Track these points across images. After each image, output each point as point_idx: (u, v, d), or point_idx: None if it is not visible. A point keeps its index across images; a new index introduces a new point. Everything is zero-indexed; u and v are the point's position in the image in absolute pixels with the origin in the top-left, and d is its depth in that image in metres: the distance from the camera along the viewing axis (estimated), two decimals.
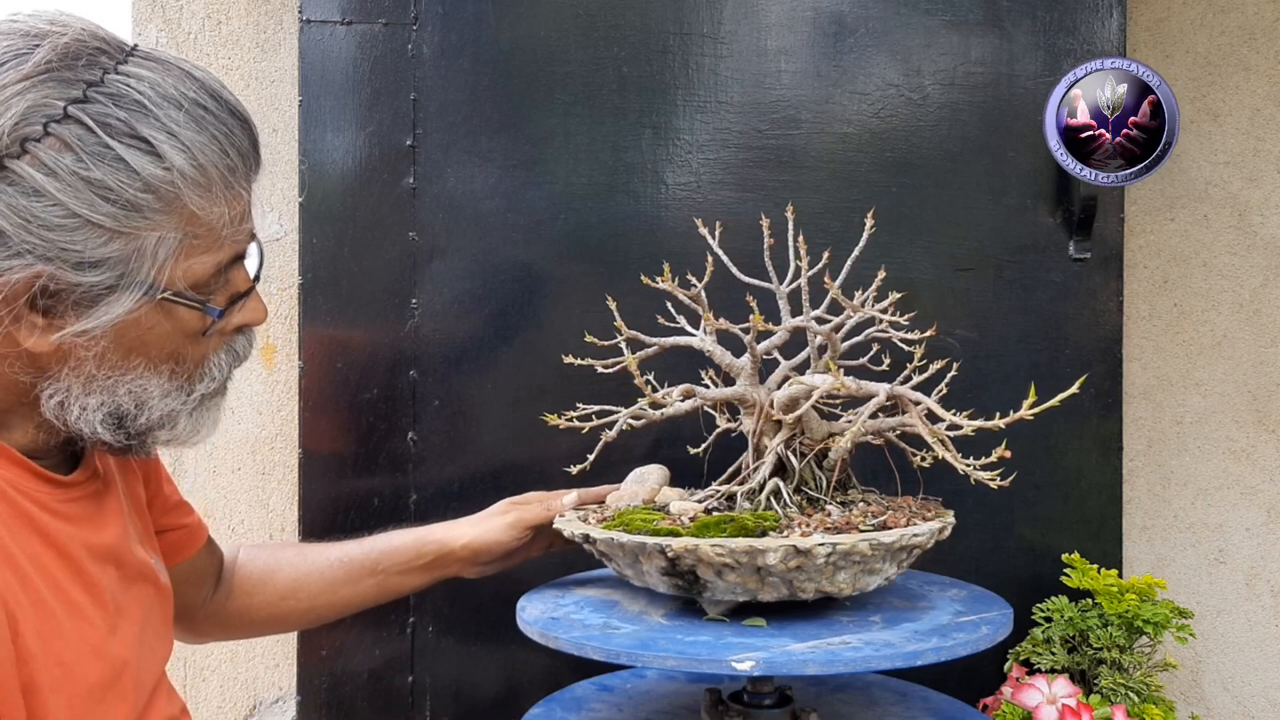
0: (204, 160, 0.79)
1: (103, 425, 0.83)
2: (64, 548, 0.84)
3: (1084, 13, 1.57)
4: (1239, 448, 1.78)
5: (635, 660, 0.93)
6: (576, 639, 0.96)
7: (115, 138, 0.75)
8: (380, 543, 1.22)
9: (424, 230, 1.55)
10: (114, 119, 0.76)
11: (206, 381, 0.88)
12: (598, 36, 1.56)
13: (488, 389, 1.56)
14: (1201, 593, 1.78)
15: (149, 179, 0.76)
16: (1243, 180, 1.78)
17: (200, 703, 1.73)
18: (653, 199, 1.56)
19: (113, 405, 0.83)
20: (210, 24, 1.72)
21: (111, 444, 0.86)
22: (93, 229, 0.75)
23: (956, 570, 1.25)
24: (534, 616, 1.05)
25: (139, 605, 0.94)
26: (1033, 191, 1.58)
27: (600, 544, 1.04)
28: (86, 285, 0.77)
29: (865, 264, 1.59)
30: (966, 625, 1.01)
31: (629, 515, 1.08)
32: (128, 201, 0.76)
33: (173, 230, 0.79)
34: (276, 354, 1.72)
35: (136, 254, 0.78)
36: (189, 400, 0.87)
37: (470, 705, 1.56)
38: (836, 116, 1.57)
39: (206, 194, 0.80)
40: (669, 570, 0.99)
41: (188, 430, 0.88)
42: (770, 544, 0.95)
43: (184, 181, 0.78)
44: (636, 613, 1.06)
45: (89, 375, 0.81)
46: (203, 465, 1.72)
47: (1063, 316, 1.58)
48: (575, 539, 1.08)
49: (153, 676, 0.95)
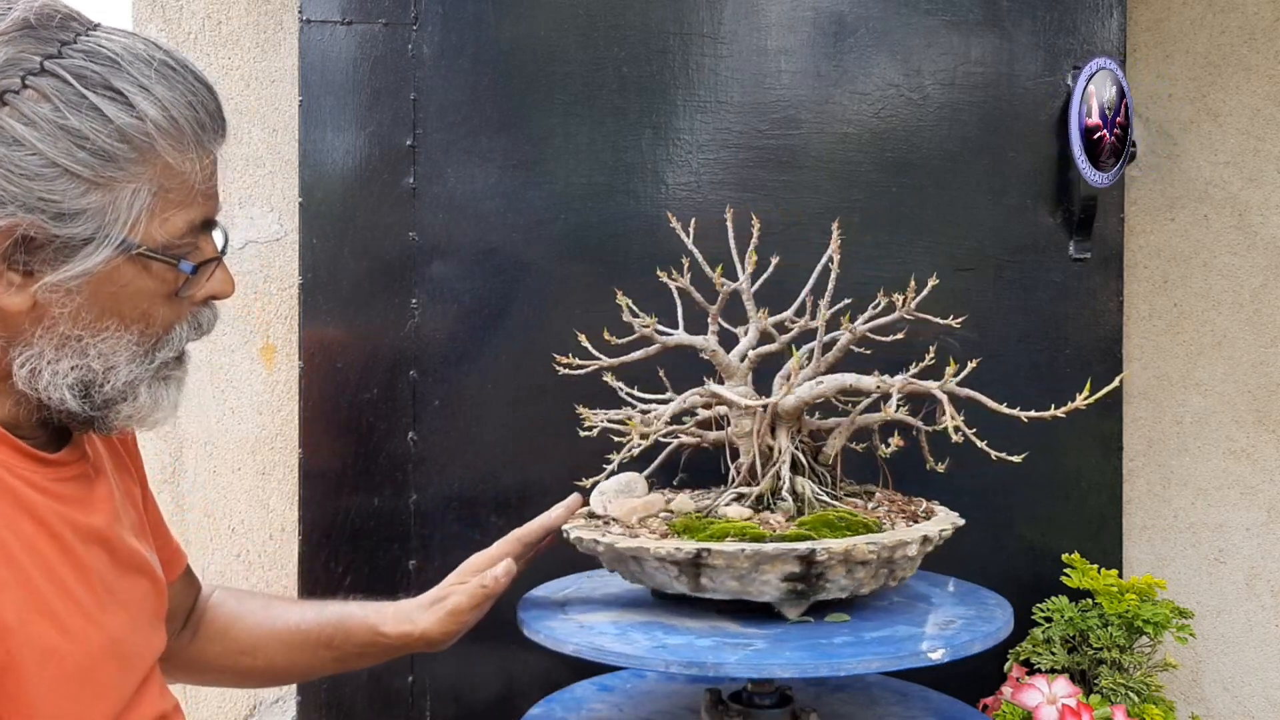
0: (175, 114, 0.82)
1: (71, 392, 0.84)
2: (50, 525, 0.85)
3: (1084, 13, 1.57)
4: (1239, 448, 1.78)
5: (839, 670, 0.92)
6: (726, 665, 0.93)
7: (90, 89, 0.78)
8: (335, 619, 1.15)
9: (424, 230, 1.55)
10: (89, 71, 0.79)
11: (167, 350, 0.89)
12: (598, 36, 1.56)
13: (488, 389, 1.55)
14: (1201, 593, 1.78)
15: (123, 127, 0.79)
16: (1243, 180, 1.78)
17: (200, 703, 1.73)
18: (653, 199, 1.56)
19: (83, 369, 0.84)
20: (210, 24, 1.72)
21: (77, 414, 0.87)
22: (71, 178, 0.78)
23: (957, 570, 1.25)
24: (639, 653, 0.96)
25: (133, 594, 0.93)
26: (1033, 191, 1.58)
27: (718, 556, 0.98)
28: (65, 237, 0.79)
29: (866, 264, 1.60)
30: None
31: (708, 525, 1.05)
32: (103, 150, 0.79)
33: (147, 183, 0.81)
34: (276, 354, 1.72)
35: (113, 205, 0.80)
36: (149, 367, 0.88)
37: (470, 705, 1.56)
38: (836, 116, 1.57)
39: (179, 145, 0.82)
40: (797, 576, 0.99)
41: (148, 405, 0.89)
42: (910, 535, 1.02)
43: (157, 131, 0.81)
44: (704, 628, 1.02)
45: (62, 335, 0.83)
46: (203, 465, 1.72)
47: (1063, 316, 1.58)
48: (675, 557, 0.99)
49: (144, 665, 0.94)
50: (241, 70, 1.71)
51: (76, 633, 0.84)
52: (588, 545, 1.06)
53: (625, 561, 1.05)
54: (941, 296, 1.59)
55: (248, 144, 1.71)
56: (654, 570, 1.02)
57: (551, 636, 1.00)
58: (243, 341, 1.72)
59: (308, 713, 1.55)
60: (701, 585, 1.01)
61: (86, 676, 0.85)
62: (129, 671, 0.91)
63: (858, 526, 1.04)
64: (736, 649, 0.94)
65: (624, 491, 1.15)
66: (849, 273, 1.19)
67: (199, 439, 1.72)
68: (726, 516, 1.07)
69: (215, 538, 1.72)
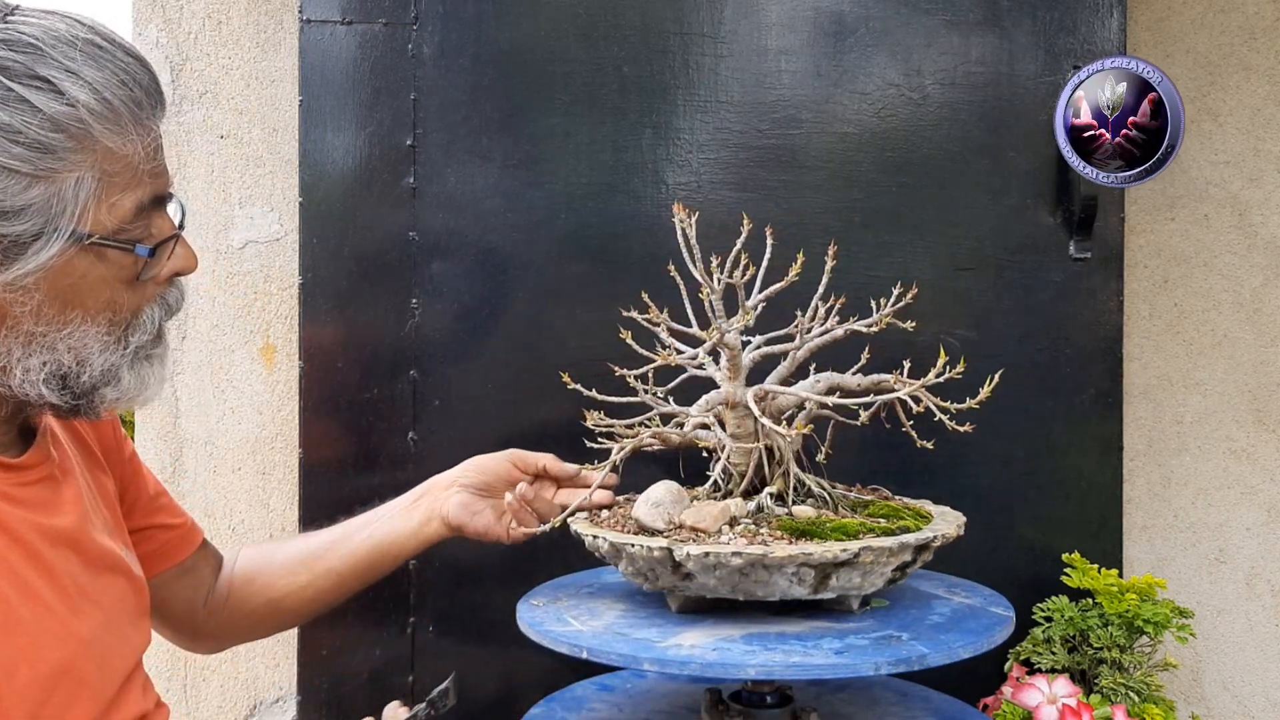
0: (108, 95, 0.80)
1: (46, 386, 0.84)
2: (15, 531, 0.84)
3: (1084, 13, 1.57)
4: (1239, 448, 1.78)
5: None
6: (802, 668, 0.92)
7: (15, 80, 0.76)
8: (359, 522, 1.24)
9: (424, 230, 1.55)
10: (11, 62, 0.77)
11: (140, 334, 0.88)
12: (598, 36, 1.56)
13: (488, 389, 1.55)
14: (1201, 592, 1.78)
15: (55, 116, 0.77)
16: (1243, 180, 1.78)
17: (200, 703, 1.73)
18: (653, 199, 1.56)
19: (54, 364, 0.83)
20: (210, 24, 1.72)
21: (59, 405, 0.86)
22: (10, 175, 0.77)
23: (957, 569, 1.25)
24: (694, 657, 0.93)
25: (108, 594, 0.93)
26: (1033, 191, 1.58)
27: (869, 553, 0.97)
28: (13, 235, 0.78)
29: (866, 264, 1.60)
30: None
31: (823, 524, 1.04)
32: (37, 142, 0.77)
33: (89, 170, 0.80)
34: (276, 354, 1.72)
35: (57, 197, 0.79)
36: (126, 353, 0.87)
37: (470, 705, 1.56)
38: (836, 116, 1.57)
39: (116, 128, 0.80)
40: (904, 565, 1.02)
41: (133, 386, 0.88)
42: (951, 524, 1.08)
43: (91, 116, 0.79)
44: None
45: (28, 333, 0.82)
46: (203, 465, 1.72)
47: (1063, 316, 1.58)
48: (825, 559, 0.97)
49: (124, 665, 0.93)
50: (241, 70, 1.71)
51: (48, 639, 0.84)
52: (721, 558, 0.96)
53: (754, 571, 0.98)
54: (941, 296, 1.60)
55: (248, 144, 1.71)
56: (780, 580, 0.98)
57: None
58: (243, 341, 1.72)
59: (308, 712, 1.55)
60: (828, 586, 0.99)
61: (60, 680, 0.84)
62: (107, 672, 0.90)
63: (907, 515, 1.07)
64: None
65: (678, 501, 1.08)
66: (849, 273, 1.18)
67: (199, 439, 1.72)
68: (792, 515, 1.07)
69: (215, 538, 1.71)
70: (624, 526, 1.08)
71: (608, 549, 1.03)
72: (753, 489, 1.11)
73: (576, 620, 1.05)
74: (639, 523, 1.06)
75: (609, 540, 1.02)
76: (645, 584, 1.04)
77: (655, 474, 1.14)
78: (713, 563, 0.97)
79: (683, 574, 0.99)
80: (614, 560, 1.05)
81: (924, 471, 1.56)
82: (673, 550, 0.98)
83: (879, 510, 1.11)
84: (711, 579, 0.98)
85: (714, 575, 0.98)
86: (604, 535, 1.04)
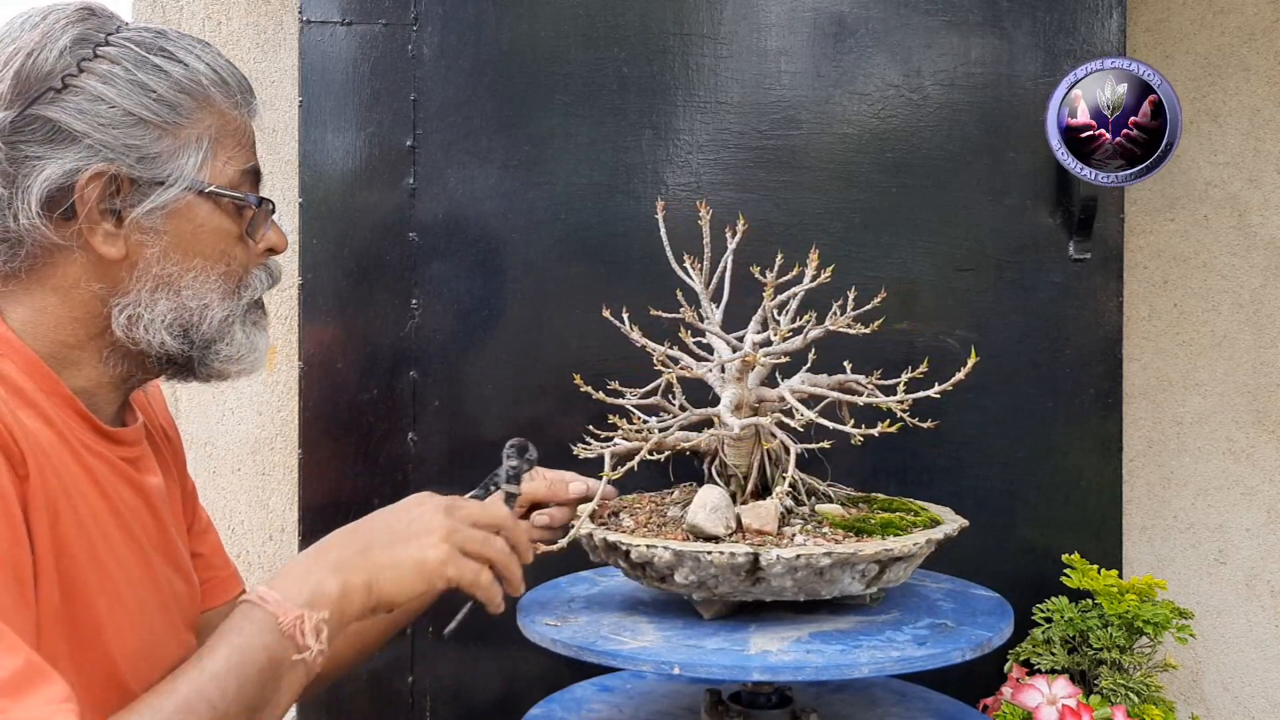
0: (221, 73, 0.95)
1: (169, 333, 0.91)
2: (115, 504, 0.91)
3: (1084, 13, 1.57)
4: (1239, 448, 1.78)
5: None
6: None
7: (150, 52, 0.91)
8: None
9: (424, 230, 1.55)
10: (145, 39, 0.92)
11: (249, 291, 0.98)
12: (598, 36, 1.56)
13: (488, 389, 1.55)
14: (1201, 593, 1.78)
15: (180, 79, 0.92)
16: (1243, 180, 1.78)
17: None
18: (653, 199, 1.55)
19: (179, 309, 0.92)
20: (210, 24, 1.72)
21: (178, 356, 0.93)
22: (146, 126, 0.90)
23: (957, 570, 1.25)
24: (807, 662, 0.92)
25: (171, 590, 0.97)
26: (1033, 191, 1.58)
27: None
28: (146, 179, 0.90)
29: (866, 265, 1.60)
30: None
31: (867, 519, 1.06)
32: (167, 100, 0.91)
33: (208, 130, 0.93)
34: (276, 354, 1.72)
35: (182, 149, 0.91)
36: (239, 305, 0.96)
37: (470, 706, 1.56)
38: (836, 117, 1.58)
39: (228, 95, 0.95)
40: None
41: (244, 345, 0.97)
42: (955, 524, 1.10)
43: (209, 81, 0.93)
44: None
45: (155, 277, 0.91)
46: (203, 465, 1.72)
47: (1063, 316, 1.58)
48: (901, 554, 0.98)
49: (167, 667, 0.93)
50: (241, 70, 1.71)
51: (139, 618, 0.90)
52: (812, 559, 0.95)
53: (830, 570, 0.97)
54: (941, 297, 1.60)
55: None
56: (847, 577, 0.98)
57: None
58: None
59: (308, 713, 1.55)
60: (880, 580, 1.00)
61: (139, 663, 0.89)
62: (157, 670, 0.90)
63: (910, 511, 1.11)
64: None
65: (726, 505, 1.05)
66: (849, 273, 1.18)
67: (199, 439, 1.72)
68: (823, 513, 1.08)
69: None
70: (665, 533, 1.04)
71: (669, 558, 0.98)
72: (759, 490, 1.11)
73: (628, 638, 0.99)
74: (698, 529, 1.01)
75: (672, 549, 0.97)
76: (697, 592, 1.01)
77: (641, 477, 1.13)
78: (801, 564, 0.94)
79: (755, 578, 0.96)
80: (670, 569, 0.99)
81: (924, 472, 1.56)
82: (759, 554, 0.95)
83: (884, 506, 1.13)
84: (789, 581, 0.96)
85: (794, 577, 0.96)
86: (667, 545, 0.98)
